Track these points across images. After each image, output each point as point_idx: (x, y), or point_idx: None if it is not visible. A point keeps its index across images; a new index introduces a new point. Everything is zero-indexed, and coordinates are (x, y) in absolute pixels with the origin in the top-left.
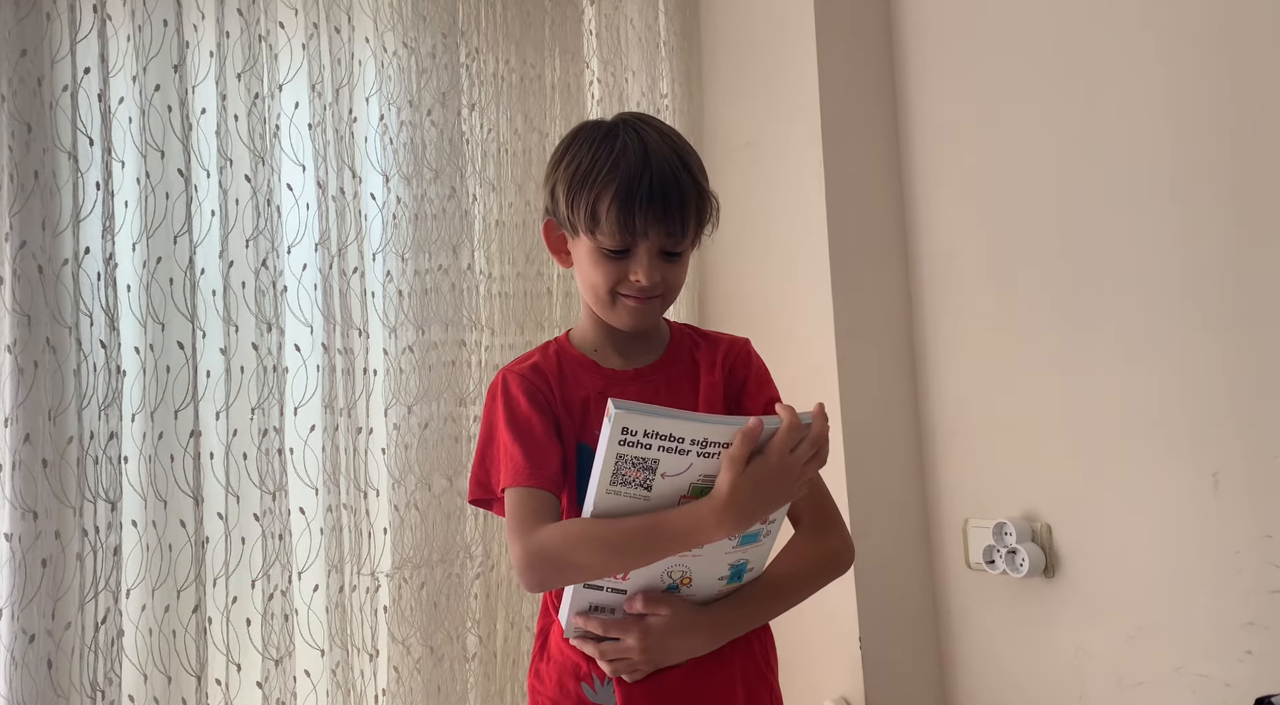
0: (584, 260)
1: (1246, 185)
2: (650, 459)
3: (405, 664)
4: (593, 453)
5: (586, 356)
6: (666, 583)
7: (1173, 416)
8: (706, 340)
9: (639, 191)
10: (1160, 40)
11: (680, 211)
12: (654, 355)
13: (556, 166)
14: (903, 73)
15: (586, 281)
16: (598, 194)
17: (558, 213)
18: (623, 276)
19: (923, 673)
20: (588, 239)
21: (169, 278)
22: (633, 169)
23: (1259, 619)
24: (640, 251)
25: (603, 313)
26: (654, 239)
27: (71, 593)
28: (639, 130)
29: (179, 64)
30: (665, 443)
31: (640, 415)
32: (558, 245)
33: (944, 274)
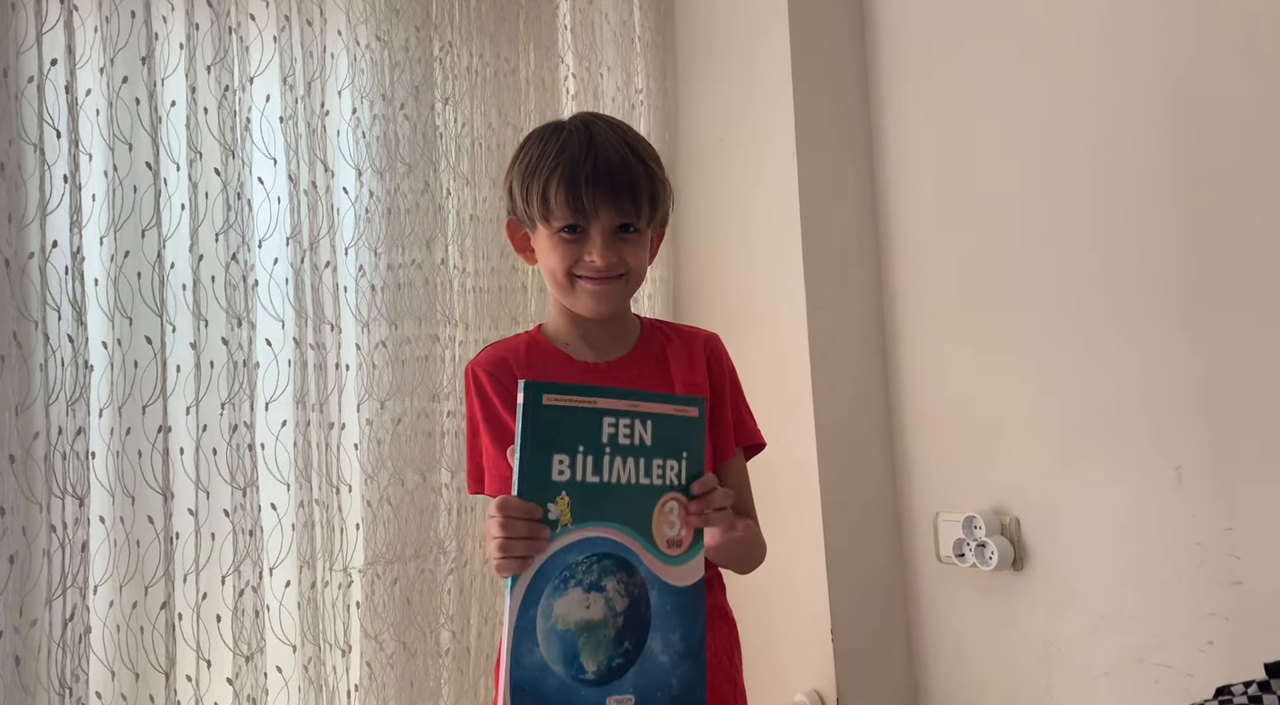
0: (543, 249)
1: (1209, 181)
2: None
3: (378, 660)
4: None
5: (558, 349)
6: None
7: (1137, 412)
8: (679, 334)
9: (584, 170)
10: (1125, 35)
11: (629, 188)
12: (625, 348)
13: (512, 166)
14: (875, 68)
15: (547, 269)
16: (545, 178)
17: (516, 210)
18: (578, 258)
19: (894, 665)
20: (543, 226)
21: (137, 272)
22: (577, 151)
23: (1220, 610)
24: (593, 231)
25: (565, 299)
26: (605, 217)
27: (38, 589)
28: (588, 124)
29: (147, 56)
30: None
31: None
32: (521, 244)
33: (916, 270)
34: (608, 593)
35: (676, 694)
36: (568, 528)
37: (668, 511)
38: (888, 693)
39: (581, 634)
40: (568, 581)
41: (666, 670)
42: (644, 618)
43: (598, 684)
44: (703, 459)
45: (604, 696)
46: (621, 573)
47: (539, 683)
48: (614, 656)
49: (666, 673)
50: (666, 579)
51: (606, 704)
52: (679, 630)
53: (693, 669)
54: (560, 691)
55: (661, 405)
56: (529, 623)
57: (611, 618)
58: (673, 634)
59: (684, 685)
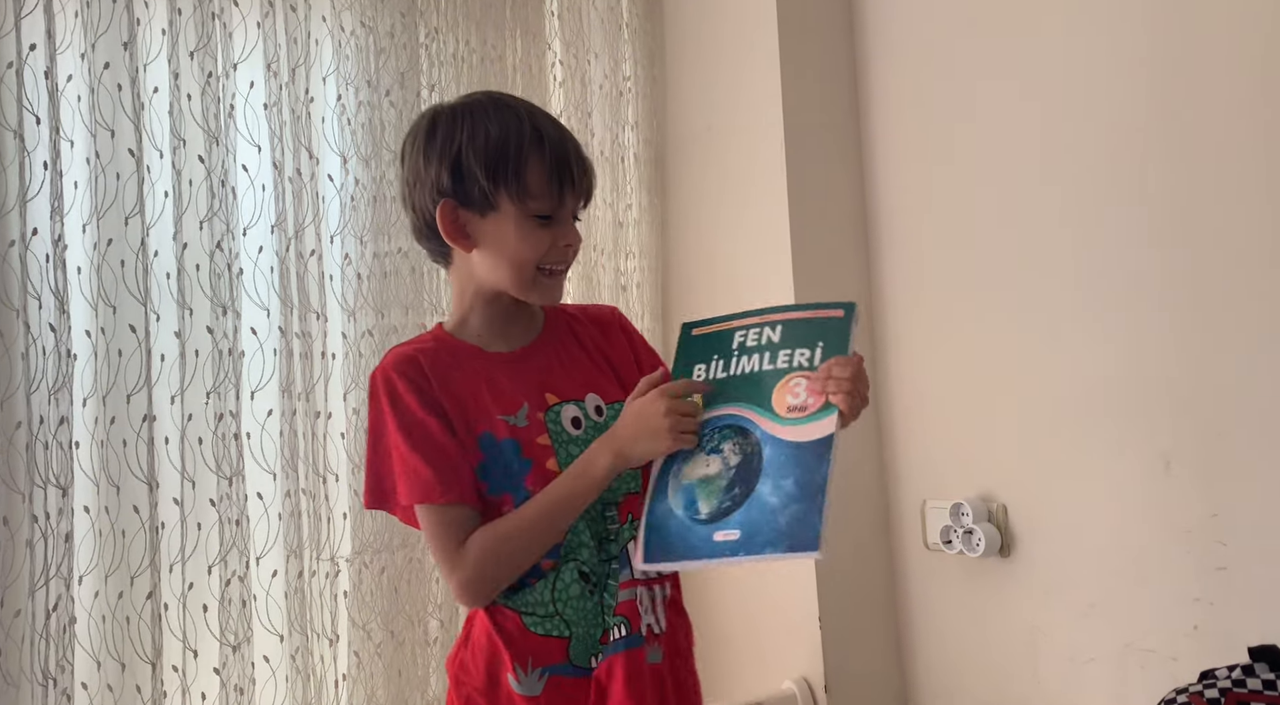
0: (506, 233)
1: (1197, 173)
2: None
3: (366, 649)
4: (497, 442)
5: (469, 343)
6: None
7: (1125, 399)
8: (583, 313)
9: (563, 152)
10: (1106, 31)
11: (590, 170)
12: (533, 333)
13: (448, 143)
14: (863, 55)
15: (508, 258)
16: (525, 159)
17: (465, 192)
18: (552, 244)
19: (881, 652)
20: (515, 208)
21: (120, 260)
22: (554, 136)
23: (1205, 595)
24: (564, 216)
25: (520, 289)
26: (571, 203)
27: (21, 580)
28: (521, 101)
29: (129, 41)
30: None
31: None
32: (456, 230)
33: (903, 258)
34: (724, 453)
35: (783, 528)
36: (700, 413)
37: (793, 386)
38: (875, 679)
39: (699, 485)
40: (694, 451)
41: (774, 509)
42: (754, 469)
43: (708, 522)
44: (845, 347)
45: (712, 532)
46: (738, 437)
47: (664, 522)
48: (724, 500)
49: (774, 512)
50: (782, 436)
51: (714, 537)
52: (792, 477)
53: (805, 509)
54: (679, 527)
55: (800, 313)
56: (663, 483)
57: (725, 471)
58: (785, 480)
59: (792, 521)
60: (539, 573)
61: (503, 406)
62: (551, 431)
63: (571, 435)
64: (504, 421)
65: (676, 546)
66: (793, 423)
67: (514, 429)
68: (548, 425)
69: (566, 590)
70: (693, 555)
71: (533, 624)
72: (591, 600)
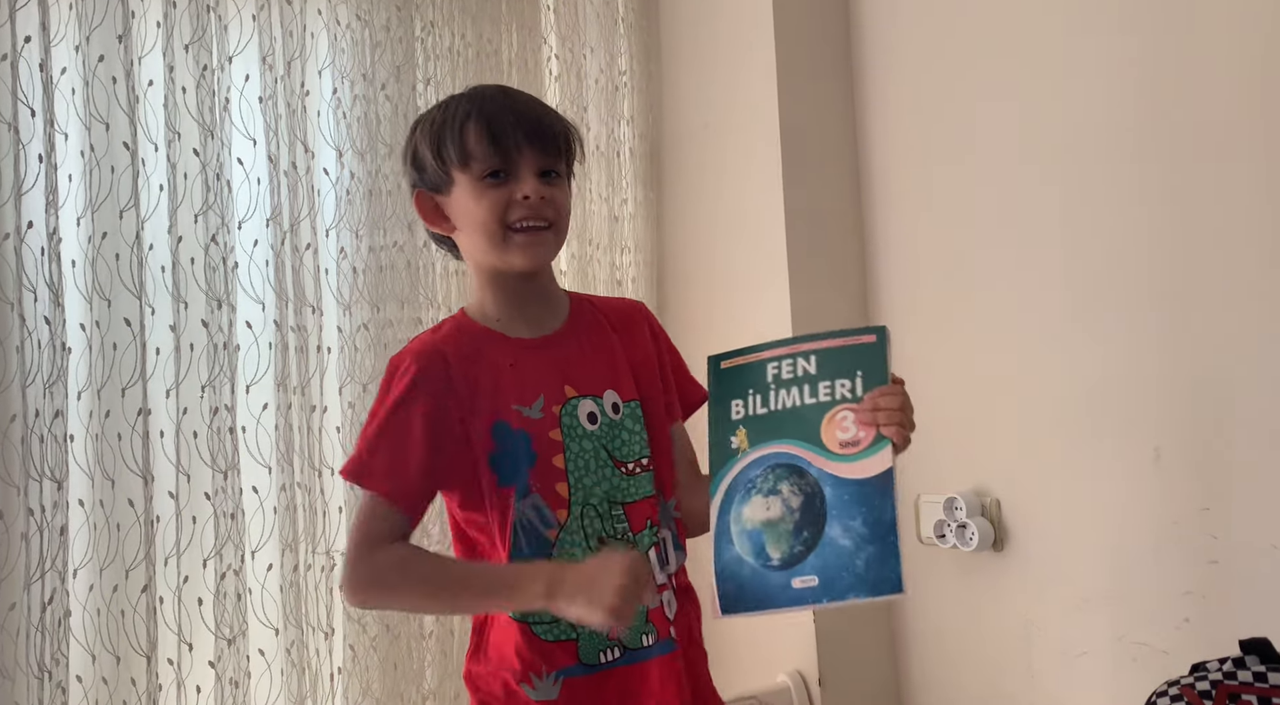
0: (466, 205)
1: (1182, 169)
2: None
3: (361, 642)
4: (510, 431)
5: (490, 329)
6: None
7: (1117, 395)
8: (608, 305)
9: (501, 111)
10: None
11: (549, 126)
12: (558, 320)
13: (411, 136)
14: (860, 53)
15: (474, 224)
16: (460, 125)
17: (425, 175)
18: (509, 201)
19: (875, 645)
20: (463, 176)
21: (115, 253)
22: (490, 99)
23: (1196, 588)
24: (521, 171)
25: (497, 256)
26: (530, 156)
27: (16, 573)
28: (493, 88)
29: (124, 34)
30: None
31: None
32: (434, 214)
33: (898, 255)
34: (783, 494)
35: (862, 573)
36: (746, 451)
37: (840, 420)
38: (869, 672)
39: (765, 530)
40: (750, 491)
41: (849, 553)
42: (819, 510)
43: (782, 568)
44: (884, 374)
45: (789, 579)
46: (794, 476)
47: (736, 571)
48: (794, 545)
49: (850, 555)
50: (841, 474)
51: (792, 584)
52: (860, 517)
53: (881, 550)
54: (754, 576)
55: (830, 341)
56: (725, 528)
57: (789, 514)
58: (853, 520)
59: (869, 565)
60: None
61: (519, 396)
62: (564, 426)
63: (586, 430)
64: (518, 412)
65: (754, 596)
66: (848, 460)
67: (527, 420)
68: (561, 419)
69: None
70: (772, 604)
71: (541, 632)
72: None
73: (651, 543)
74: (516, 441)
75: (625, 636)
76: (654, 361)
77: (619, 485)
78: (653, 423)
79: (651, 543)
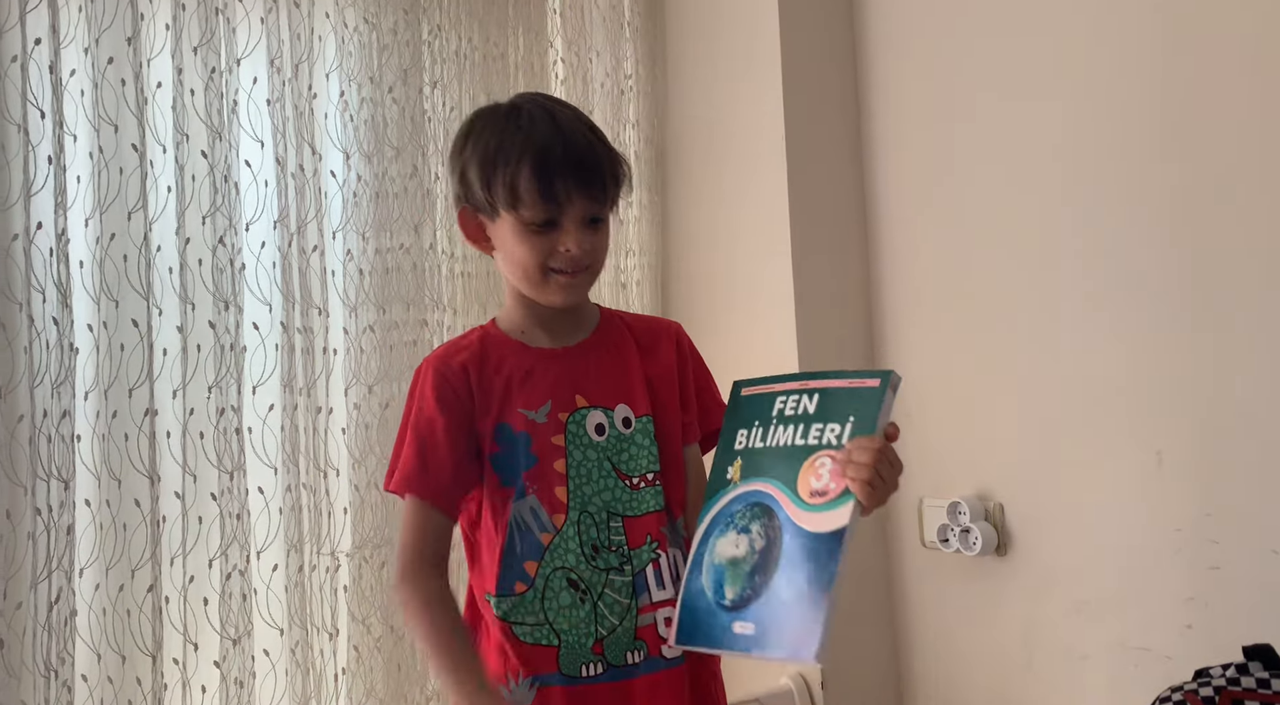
0: (508, 240)
1: (1193, 172)
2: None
3: (366, 643)
4: (512, 433)
5: (513, 339)
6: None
7: (1119, 398)
8: (640, 323)
9: (555, 159)
10: (1119, 25)
11: (599, 175)
12: (583, 333)
13: (461, 152)
14: (865, 55)
15: (514, 262)
16: (513, 169)
17: (472, 197)
18: (552, 250)
19: (878, 650)
20: (510, 217)
21: (123, 254)
22: (545, 138)
23: (1199, 594)
24: (566, 221)
25: (534, 292)
26: (578, 206)
27: (23, 572)
28: (542, 105)
29: (133, 36)
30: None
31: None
32: (476, 233)
33: (903, 258)
34: (752, 534)
35: (787, 632)
36: (736, 484)
37: (818, 466)
38: (872, 677)
39: (728, 568)
40: (729, 525)
41: (785, 606)
42: (774, 557)
43: (731, 609)
44: (873, 422)
45: (732, 621)
46: (765, 518)
47: (695, 603)
48: (745, 588)
49: (785, 609)
50: (801, 523)
51: (733, 627)
52: (804, 572)
53: (809, 612)
54: (707, 611)
55: (839, 381)
56: (699, 558)
57: (751, 555)
58: (797, 574)
59: (797, 624)
60: (526, 578)
61: (526, 400)
62: (570, 434)
63: (592, 440)
64: (523, 415)
65: (702, 632)
66: (813, 509)
67: (530, 423)
68: (567, 426)
69: (556, 598)
70: (714, 645)
71: (522, 633)
72: (583, 609)
73: (650, 559)
74: (515, 442)
75: (609, 652)
76: (675, 379)
77: (620, 497)
78: (665, 439)
79: (650, 559)
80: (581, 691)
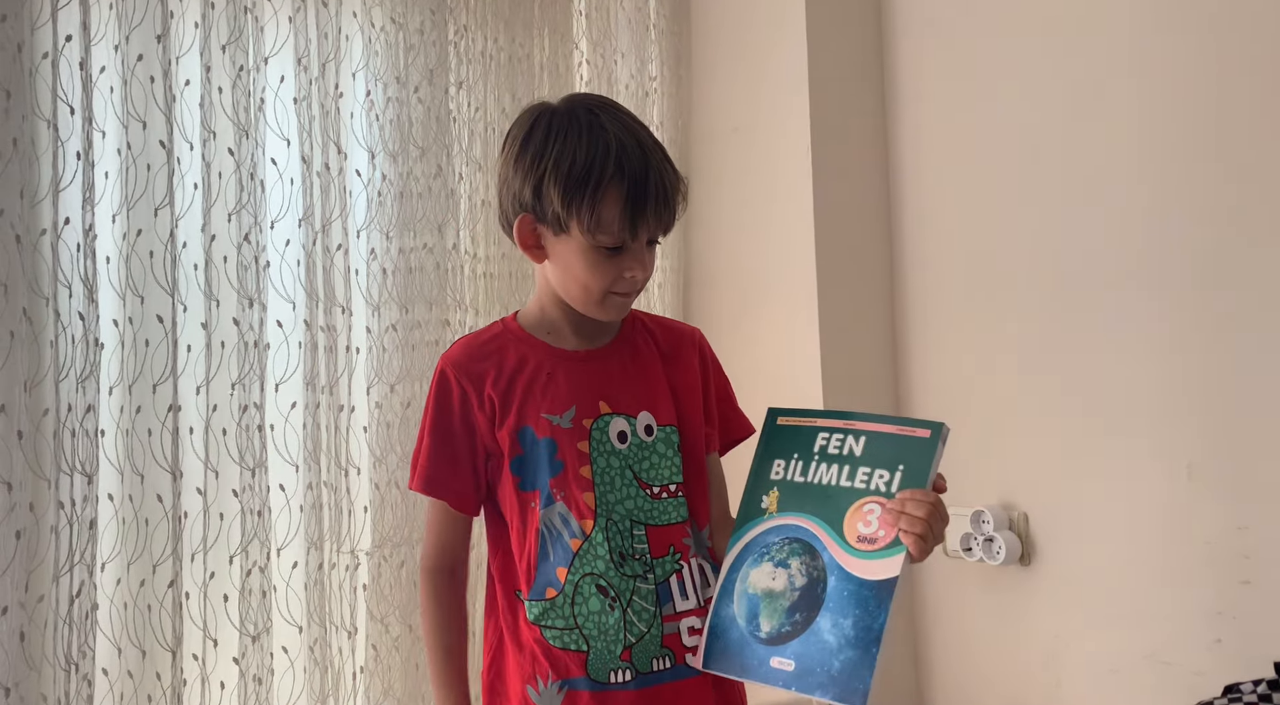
0: (572, 260)
1: (1223, 183)
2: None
3: (384, 642)
4: (535, 438)
5: (537, 338)
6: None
7: (1148, 408)
8: (661, 328)
9: (646, 193)
10: (1146, 30)
11: (673, 206)
12: (608, 336)
13: (534, 159)
14: (893, 60)
15: (575, 282)
16: (602, 194)
17: (543, 211)
18: (618, 274)
19: (899, 658)
20: (583, 239)
21: (149, 250)
22: (636, 169)
23: (1229, 609)
24: (635, 247)
25: (587, 309)
26: (646, 233)
27: (45, 565)
28: (619, 119)
29: (162, 34)
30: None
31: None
32: (530, 241)
33: (928, 263)
34: (791, 569)
35: (835, 674)
36: (773, 514)
37: (866, 512)
38: (892, 686)
39: (764, 599)
40: (763, 556)
41: (831, 650)
42: (818, 597)
43: (767, 643)
44: (925, 475)
45: (770, 655)
46: (806, 555)
47: (726, 630)
48: (784, 624)
49: (830, 653)
50: (849, 568)
51: (770, 661)
52: (852, 617)
53: (858, 657)
54: (739, 641)
55: (886, 426)
56: (730, 584)
57: (790, 590)
58: (844, 619)
59: (844, 669)
60: (556, 584)
61: (550, 405)
62: (593, 440)
63: (615, 448)
64: (547, 420)
65: (735, 661)
66: (861, 556)
67: (555, 429)
68: (591, 433)
69: (585, 604)
70: (748, 675)
71: (552, 637)
72: (613, 616)
73: (674, 569)
74: (539, 448)
75: (637, 659)
76: (700, 389)
77: (643, 506)
78: (690, 451)
79: (674, 569)
80: (608, 697)
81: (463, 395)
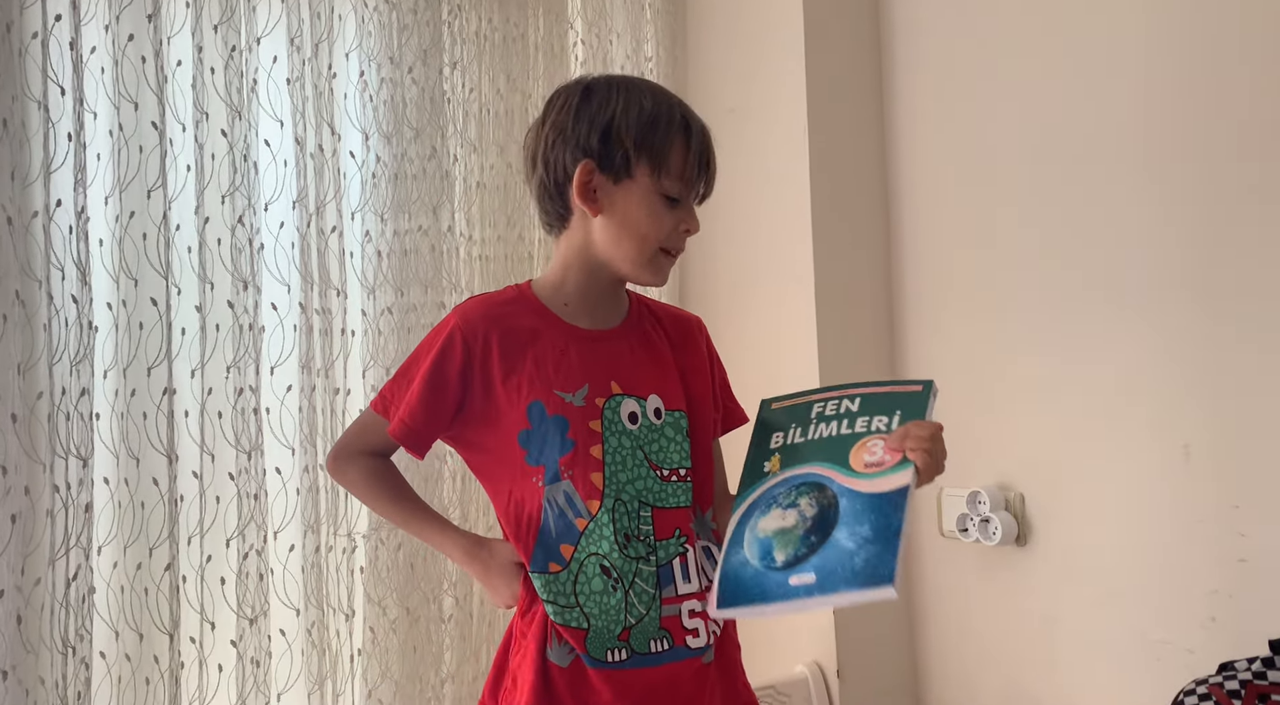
0: (635, 206)
1: (1218, 165)
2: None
3: (381, 624)
4: (545, 414)
5: (552, 311)
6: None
7: (1145, 389)
8: (666, 314)
9: (705, 143)
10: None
11: (715, 171)
12: (618, 319)
13: (603, 106)
14: (889, 39)
15: (633, 231)
16: (671, 139)
17: (609, 156)
18: (674, 226)
19: (895, 638)
20: (647, 181)
21: (142, 232)
22: (699, 127)
23: (1223, 587)
24: (689, 202)
25: (638, 266)
26: (701, 190)
27: (42, 549)
28: (665, 89)
29: (153, 14)
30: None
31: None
32: (589, 193)
33: (925, 244)
34: (800, 507)
35: (858, 568)
36: (775, 473)
37: (870, 446)
38: (888, 664)
39: (775, 537)
40: (771, 505)
41: (850, 552)
42: (831, 519)
43: (784, 568)
44: (923, 415)
45: (788, 576)
46: (814, 492)
47: (739, 571)
48: (800, 548)
49: (850, 554)
50: (858, 488)
51: (789, 581)
52: (869, 523)
53: (882, 549)
54: (754, 576)
55: (877, 388)
56: (739, 536)
57: (801, 522)
58: (861, 526)
59: (867, 561)
60: (560, 560)
61: (563, 382)
62: (606, 419)
63: (626, 428)
64: (559, 397)
65: (750, 592)
66: (869, 476)
67: (567, 406)
68: (604, 412)
69: (589, 583)
70: (766, 598)
71: (554, 612)
72: (614, 597)
73: (677, 552)
74: (550, 425)
75: (634, 640)
76: (708, 378)
77: (651, 487)
78: (697, 436)
79: (677, 552)
80: (604, 674)
81: (466, 353)
